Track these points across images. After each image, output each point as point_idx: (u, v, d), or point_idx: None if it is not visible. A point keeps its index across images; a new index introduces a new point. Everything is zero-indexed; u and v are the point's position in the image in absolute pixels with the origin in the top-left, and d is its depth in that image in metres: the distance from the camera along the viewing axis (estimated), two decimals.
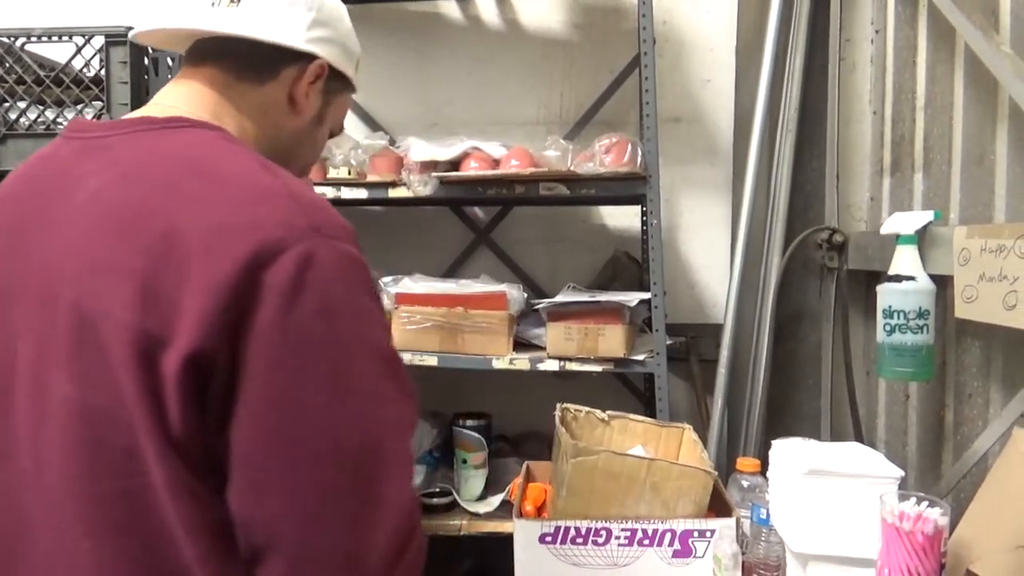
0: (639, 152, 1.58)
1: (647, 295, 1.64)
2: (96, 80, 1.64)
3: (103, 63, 1.63)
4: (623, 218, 2.14)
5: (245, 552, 0.61)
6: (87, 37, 1.63)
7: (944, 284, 1.29)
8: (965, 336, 1.33)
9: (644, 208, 1.95)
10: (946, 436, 1.39)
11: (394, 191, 1.68)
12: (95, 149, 0.71)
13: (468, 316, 1.65)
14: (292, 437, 0.60)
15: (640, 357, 1.60)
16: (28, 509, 0.65)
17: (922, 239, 1.31)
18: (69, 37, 1.63)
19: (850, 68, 1.78)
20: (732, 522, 1.22)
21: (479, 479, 1.73)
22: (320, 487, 0.61)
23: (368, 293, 0.67)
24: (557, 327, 1.62)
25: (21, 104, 1.67)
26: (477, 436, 1.72)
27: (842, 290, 1.69)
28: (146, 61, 1.68)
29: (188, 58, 0.82)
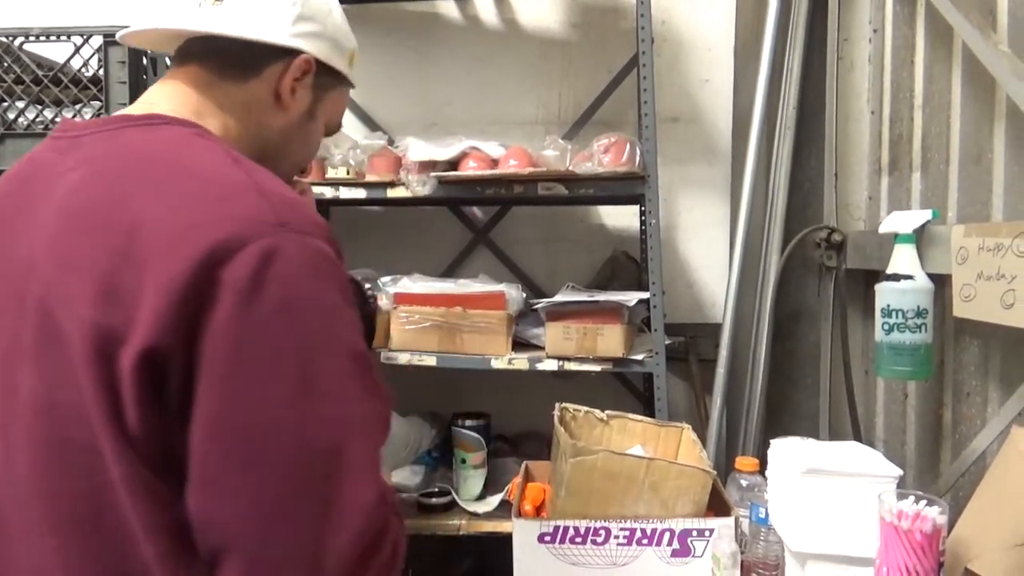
0: (637, 152, 1.58)
1: (646, 295, 1.64)
2: (94, 80, 1.64)
3: (101, 63, 1.63)
4: (621, 218, 2.14)
5: (204, 553, 0.61)
6: (85, 37, 1.63)
7: (942, 283, 1.30)
8: (963, 335, 1.33)
9: (643, 208, 1.95)
10: (944, 435, 1.39)
11: (393, 191, 1.68)
12: (74, 147, 0.71)
13: (467, 316, 1.65)
14: (249, 437, 0.59)
15: (639, 357, 1.60)
16: (2, 507, 0.66)
17: (920, 238, 1.31)
18: (67, 37, 1.63)
19: (848, 67, 1.78)
20: (731, 521, 1.22)
21: (478, 479, 1.73)
22: (277, 488, 0.60)
23: (338, 290, 0.66)
24: (556, 327, 1.61)
25: (19, 104, 1.67)
26: (476, 436, 1.72)
27: (840, 289, 1.69)
28: (144, 61, 1.68)
29: (175, 58, 0.82)
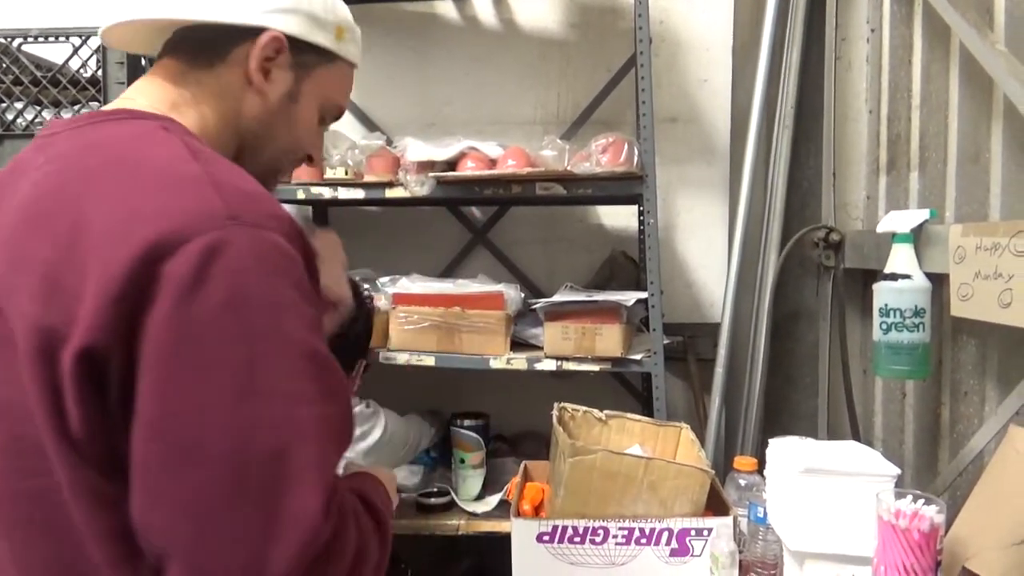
0: (636, 152, 1.58)
1: (644, 294, 1.64)
2: (93, 81, 1.65)
3: (100, 64, 1.63)
4: (620, 218, 2.14)
5: (149, 558, 0.59)
6: (84, 38, 1.63)
7: (940, 282, 1.30)
8: (961, 334, 1.33)
9: (641, 208, 1.94)
10: (942, 434, 1.40)
11: (391, 191, 1.68)
12: (48, 146, 0.70)
13: (465, 316, 1.65)
14: (187, 440, 0.56)
15: (637, 356, 1.60)
16: None
17: (918, 237, 1.31)
18: (66, 38, 1.63)
19: (846, 67, 1.78)
20: (729, 521, 1.22)
21: (477, 479, 1.74)
22: (216, 495, 0.56)
23: (294, 286, 0.62)
24: (554, 327, 1.61)
25: (18, 105, 1.67)
26: (475, 436, 1.72)
27: (839, 288, 1.70)
28: (143, 62, 1.67)
29: (159, 53, 0.81)
